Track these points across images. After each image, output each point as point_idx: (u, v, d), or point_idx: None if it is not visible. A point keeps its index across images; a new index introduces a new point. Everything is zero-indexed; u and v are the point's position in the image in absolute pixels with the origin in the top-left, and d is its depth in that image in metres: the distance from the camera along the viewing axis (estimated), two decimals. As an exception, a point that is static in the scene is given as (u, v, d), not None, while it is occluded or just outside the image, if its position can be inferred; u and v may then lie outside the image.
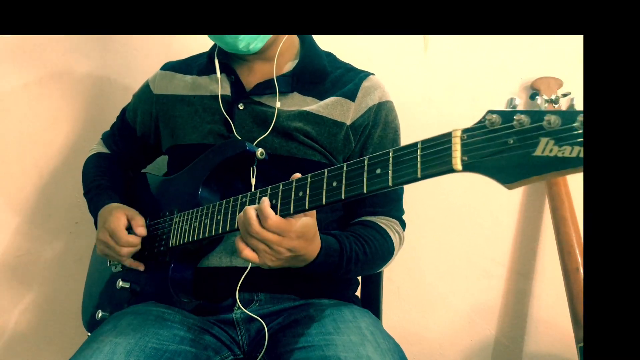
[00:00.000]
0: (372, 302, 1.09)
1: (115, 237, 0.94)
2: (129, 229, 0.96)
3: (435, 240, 1.39)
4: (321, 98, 0.97)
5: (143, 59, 1.44)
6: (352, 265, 0.86)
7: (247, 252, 0.74)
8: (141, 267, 0.98)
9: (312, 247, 0.78)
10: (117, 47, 1.45)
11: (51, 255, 1.47)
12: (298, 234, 0.73)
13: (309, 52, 1.02)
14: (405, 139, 0.60)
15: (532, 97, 1.32)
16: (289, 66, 1.01)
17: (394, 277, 1.39)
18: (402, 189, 1.00)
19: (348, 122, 0.95)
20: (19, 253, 1.47)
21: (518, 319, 1.37)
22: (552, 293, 1.33)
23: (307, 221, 0.74)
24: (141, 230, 0.96)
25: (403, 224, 1.01)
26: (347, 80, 1.00)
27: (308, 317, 0.86)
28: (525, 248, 1.36)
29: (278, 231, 0.71)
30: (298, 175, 0.73)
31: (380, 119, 0.98)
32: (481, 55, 1.36)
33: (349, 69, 1.04)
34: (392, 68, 1.38)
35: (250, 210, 0.72)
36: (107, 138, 1.20)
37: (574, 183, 1.27)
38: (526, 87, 1.35)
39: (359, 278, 1.09)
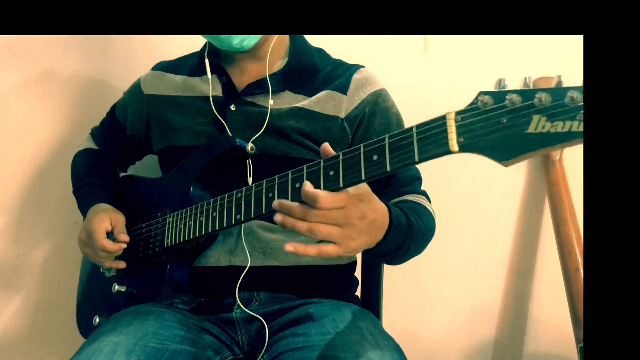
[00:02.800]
0: (372, 302, 1.09)
1: (92, 239, 0.94)
2: (111, 234, 0.95)
3: (435, 240, 1.38)
4: (313, 95, 0.97)
5: (143, 59, 1.44)
6: (417, 232, 0.80)
7: (326, 248, 0.64)
8: (122, 265, 0.97)
9: (380, 207, 0.69)
10: (117, 47, 1.45)
11: (50, 255, 1.47)
12: (358, 197, 0.64)
13: (299, 50, 1.02)
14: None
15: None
16: (279, 64, 1.01)
17: (394, 277, 1.39)
18: (417, 167, 0.97)
19: (342, 115, 0.95)
20: (18, 253, 1.47)
21: (518, 319, 1.37)
22: (552, 293, 1.33)
23: (360, 185, 0.65)
24: (123, 237, 0.94)
25: (429, 199, 0.96)
26: (338, 75, 1.00)
27: (308, 317, 0.85)
28: (525, 248, 1.36)
29: (338, 205, 0.63)
30: (327, 147, 0.67)
31: (379, 107, 0.97)
32: (481, 55, 1.36)
33: (339, 64, 1.04)
34: (391, 68, 1.38)
35: (297, 205, 0.64)
36: (96, 134, 1.19)
37: (574, 183, 1.27)
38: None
39: (359, 278, 1.09)
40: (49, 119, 1.46)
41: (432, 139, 0.58)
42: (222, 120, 0.95)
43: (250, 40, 0.95)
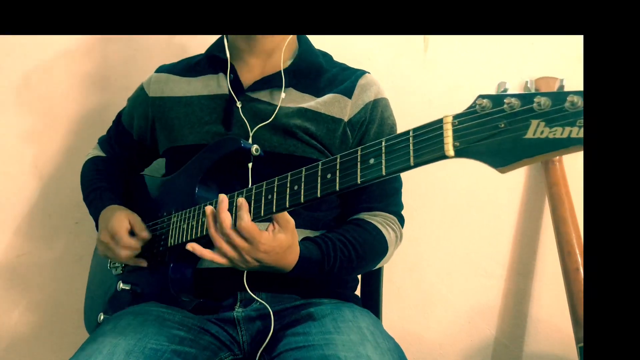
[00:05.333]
0: (372, 302, 1.09)
1: (116, 238, 0.94)
2: (131, 233, 0.96)
3: (435, 241, 1.39)
4: (318, 95, 0.98)
5: (143, 59, 1.44)
6: (335, 271, 0.88)
7: (217, 258, 0.79)
8: (144, 264, 0.98)
9: (285, 261, 0.81)
10: (117, 47, 1.45)
11: (51, 255, 1.47)
12: (266, 248, 0.76)
13: (305, 51, 1.04)
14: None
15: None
16: (286, 64, 1.02)
17: (394, 277, 1.39)
18: (400, 183, 1.01)
19: (345, 119, 0.96)
20: (19, 253, 1.47)
21: (518, 319, 1.37)
22: (552, 293, 1.33)
23: (280, 239, 0.77)
24: (145, 234, 0.96)
25: (401, 220, 1.01)
26: (344, 79, 1.01)
27: (308, 317, 0.86)
28: (525, 248, 1.36)
29: (248, 237, 0.75)
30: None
31: (377, 115, 0.99)
32: (481, 55, 1.36)
33: (344, 68, 1.06)
34: (392, 68, 1.38)
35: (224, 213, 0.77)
36: (103, 142, 1.20)
37: (574, 183, 1.27)
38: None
39: (359, 276, 1.09)
40: (49, 119, 1.46)
41: (427, 142, 0.58)
42: (228, 118, 0.96)
43: None
